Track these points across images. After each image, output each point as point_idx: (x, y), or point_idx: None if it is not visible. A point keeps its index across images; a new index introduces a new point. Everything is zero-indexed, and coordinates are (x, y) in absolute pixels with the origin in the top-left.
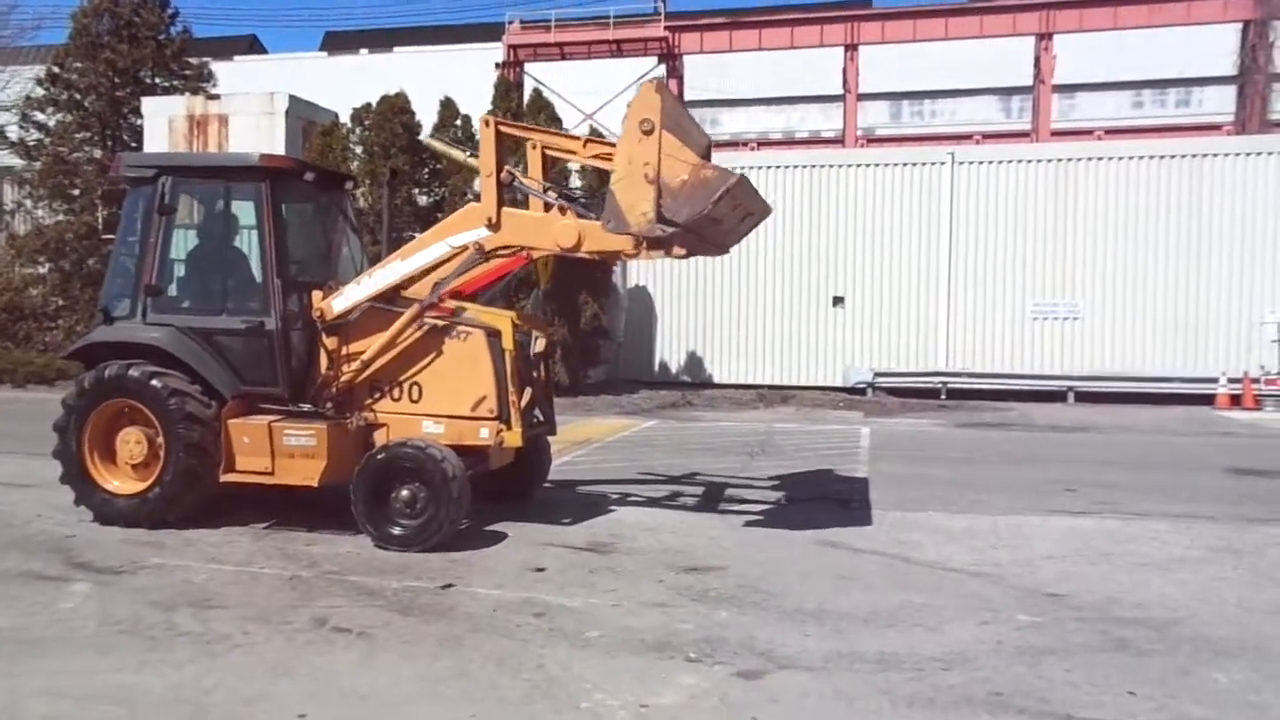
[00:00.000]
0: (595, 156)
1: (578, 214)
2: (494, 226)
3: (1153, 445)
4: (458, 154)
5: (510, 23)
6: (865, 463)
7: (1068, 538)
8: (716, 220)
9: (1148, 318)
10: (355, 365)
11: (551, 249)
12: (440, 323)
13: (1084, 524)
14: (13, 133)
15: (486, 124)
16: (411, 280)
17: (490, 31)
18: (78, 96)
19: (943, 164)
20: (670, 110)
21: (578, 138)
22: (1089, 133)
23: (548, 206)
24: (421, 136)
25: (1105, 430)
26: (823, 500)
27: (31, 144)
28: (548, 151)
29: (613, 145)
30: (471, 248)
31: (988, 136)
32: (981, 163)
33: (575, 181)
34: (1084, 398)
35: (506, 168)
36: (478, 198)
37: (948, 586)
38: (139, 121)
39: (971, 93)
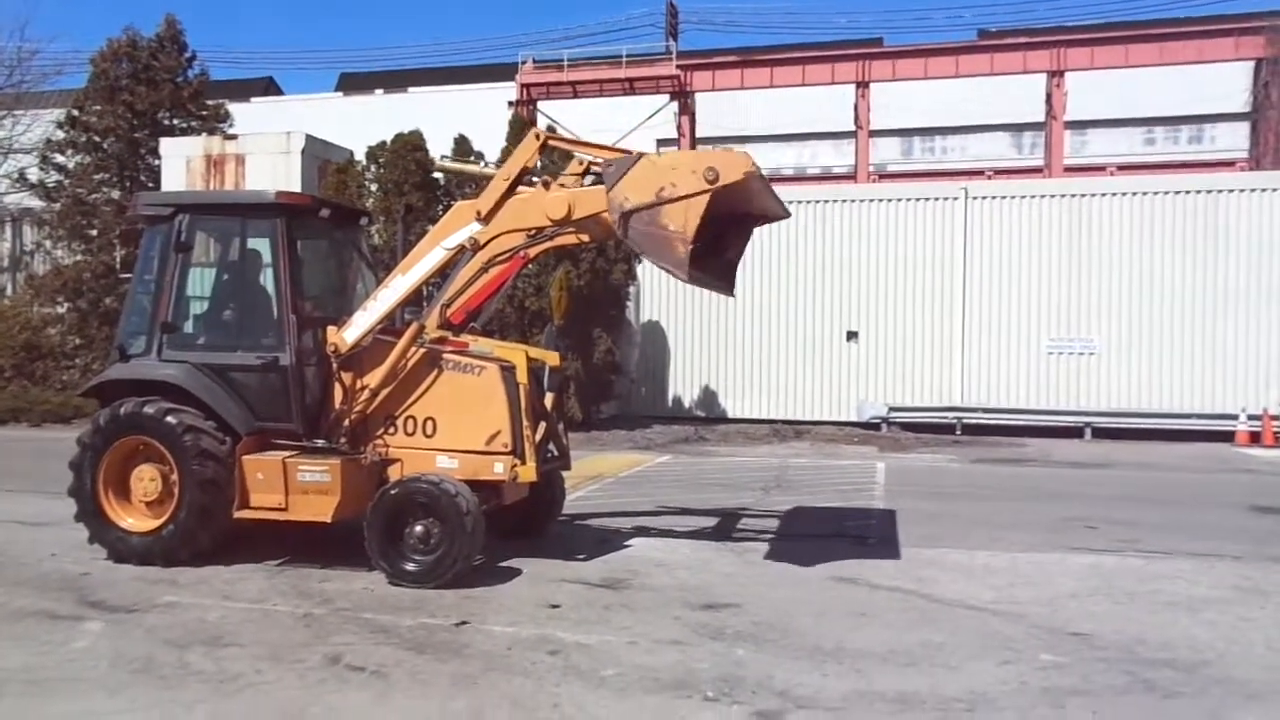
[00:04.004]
0: None
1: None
2: (484, 219)
3: (1173, 482)
4: (474, 168)
5: (524, 62)
6: (881, 499)
7: (1089, 576)
8: (660, 265)
9: (1165, 353)
10: (365, 396)
11: (542, 223)
12: (454, 357)
13: (1106, 562)
14: (33, 175)
15: (537, 136)
16: (416, 293)
17: (504, 72)
18: (96, 139)
19: (956, 199)
20: (740, 187)
21: (629, 151)
22: (1102, 169)
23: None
24: (437, 159)
25: (1124, 467)
26: (838, 536)
27: (51, 186)
28: (594, 168)
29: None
30: (466, 244)
31: (1000, 172)
32: (995, 197)
33: None
34: (1101, 434)
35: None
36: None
37: (968, 625)
38: (156, 162)
39: (983, 129)
